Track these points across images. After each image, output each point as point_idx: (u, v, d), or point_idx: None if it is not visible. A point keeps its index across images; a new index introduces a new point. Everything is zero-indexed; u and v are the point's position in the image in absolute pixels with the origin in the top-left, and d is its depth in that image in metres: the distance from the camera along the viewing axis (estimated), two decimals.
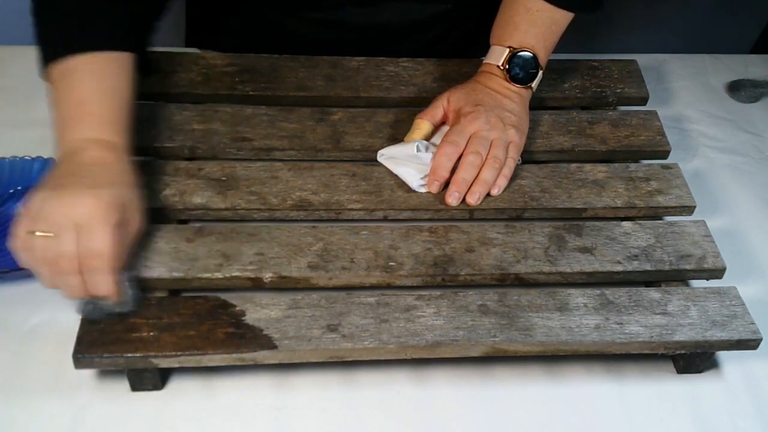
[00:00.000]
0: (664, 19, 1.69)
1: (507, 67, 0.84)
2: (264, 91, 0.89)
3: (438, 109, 0.84)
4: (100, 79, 0.70)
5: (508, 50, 0.84)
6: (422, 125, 0.84)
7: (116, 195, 0.65)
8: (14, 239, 0.64)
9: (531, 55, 0.83)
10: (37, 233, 0.63)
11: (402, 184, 0.81)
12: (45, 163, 0.81)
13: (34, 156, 0.81)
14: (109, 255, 0.64)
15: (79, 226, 0.63)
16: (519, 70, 0.84)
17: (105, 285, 0.65)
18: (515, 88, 0.84)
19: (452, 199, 0.79)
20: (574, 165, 0.86)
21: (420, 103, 0.87)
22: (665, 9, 1.68)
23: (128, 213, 0.67)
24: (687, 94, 1.05)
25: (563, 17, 0.85)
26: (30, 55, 0.98)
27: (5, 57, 0.98)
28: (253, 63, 0.92)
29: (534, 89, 0.86)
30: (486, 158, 0.80)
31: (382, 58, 0.95)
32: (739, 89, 1.06)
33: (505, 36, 0.85)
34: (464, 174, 0.79)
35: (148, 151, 0.82)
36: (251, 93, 0.89)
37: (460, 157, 0.80)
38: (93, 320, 0.67)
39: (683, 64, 1.09)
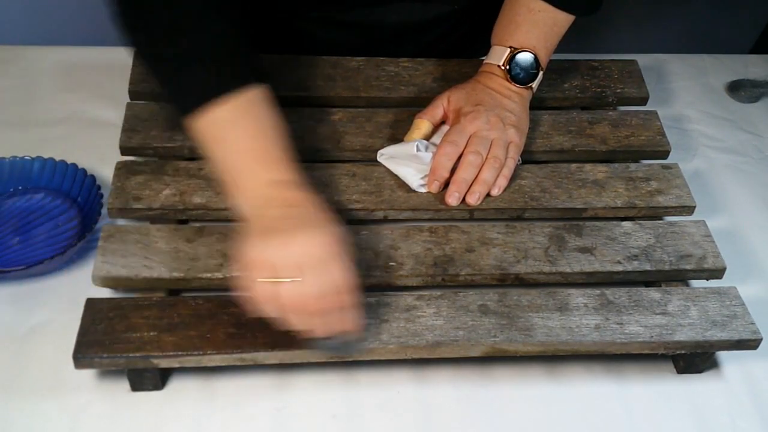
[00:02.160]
0: (664, 19, 1.69)
1: (508, 67, 0.84)
2: None
3: (438, 108, 0.84)
4: (256, 121, 0.68)
5: (509, 50, 0.84)
6: (422, 125, 0.84)
7: (330, 230, 0.64)
8: (254, 291, 0.62)
9: (532, 55, 0.83)
10: (264, 280, 0.61)
11: (402, 184, 0.81)
12: (45, 163, 0.81)
13: (34, 156, 0.81)
14: (346, 290, 0.63)
15: (321, 265, 0.62)
16: (519, 70, 0.84)
17: (353, 319, 0.64)
18: (516, 88, 0.84)
19: (452, 199, 0.79)
20: (574, 165, 0.86)
21: (420, 103, 0.87)
22: (665, 9, 1.68)
23: (343, 246, 0.65)
24: (687, 94, 1.05)
25: (564, 19, 0.85)
26: (30, 55, 0.99)
27: (5, 57, 0.98)
28: None
29: (534, 90, 0.86)
30: (486, 158, 0.80)
31: (382, 58, 0.95)
32: (739, 89, 1.06)
33: (506, 36, 0.85)
34: (464, 174, 0.79)
35: (148, 151, 0.82)
36: None
37: (460, 157, 0.80)
38: (340, 355, 0.67)
39: (683, 64, 1.09)
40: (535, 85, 0.85)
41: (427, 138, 0.83)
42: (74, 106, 0.92)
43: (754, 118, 1.03)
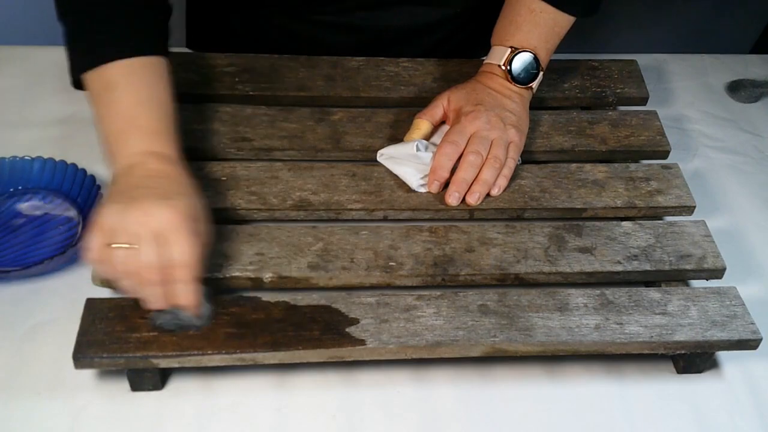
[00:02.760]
0: (664, 19, 1.69)
1: (508, 67, 0.83)
2: (264, 91, 0.89)
3: (438, 108, 0.84)
4: (144, 89, 0.70)
5: (509, 50, 0.84)
6: (422, 125, 0.84)
7: (189, 205, 0.65)
8: (90, 252, 0.63)
9: (532, 55, 0.83)
10: (115, 245, 0.62)
11: (402, 184, 0.81)
12: (45, 163, 0.81)
13: (34, 156, 0.81)
14: (190, 264, 0.64)
15: (159, 236, 0.62)
16: (520, 70, 0.84)
17: (187, 294, 0.64)
18: (516, 88, 0.84)
19: (452, 199, 0.79)
20: (574, 165, 0.86)
21: (420, 103, 0.87)
22: (665, 9, 1.68)
23: (199, 223, 0.66)
24: (687, 94, 1.05)
25: (565, 20, 0.85)
26: (30, 55, 0.99)
27: (5, 57, 0.98)
28: (253, 63, 0.92)
29: (534, 90, 0.86)
30: (486, 158, 0.80)
31: (382, 58, 0.95)
32: (739, 89, 1.06)
33: (506, 36, 0.85)
34: (464, 174, 0.79)
35: None
36: (251, 93, 0.89)
37: (460, 157, 0.80)
38: (168, 331, 0.67)
39: (683, 64, 1.09)
40: (535, 85, 0.85)
41: (427, 138, 0.83)
42: (74, 106, 0.92)
43: (754, 118, 1.03)
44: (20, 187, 0.81)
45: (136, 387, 0.69)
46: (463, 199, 0.79)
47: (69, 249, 0.74)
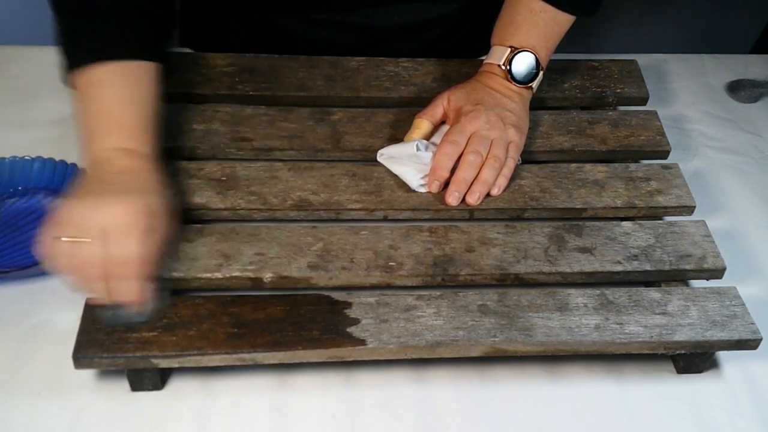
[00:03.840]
0: (664, 19, 1.69)
1: (508, 66, 0.83)
2: (264, 91, 0.89)
3: (438, 108, 0.84)
4: (126, 89, 0.71)
5: (509, 50, 0.83)
6: (422, 124, 0.83)
7: (144, 202, 0.65)
8: (42, 245, 0.64)
9: (532, 55, 0.83)
10: (64, 239, 0.63)
11: (402, 184, 0.81)
12: (45, 163, 0.81)
13: (34, 156, 0.81)
14: (135, 262, 0.64)
15: (106, 232, 0.63)
16: (520, 69, 0.84)
17: (128, 292, 0.65)
18: (516, 87, 0.84)
19: (452, 198, 0.79)
20: (574, 165, 0.86)
21: (420, 103, 0.87)
22: (665, 9, 1.68)
23: (156, 220, 0.66)
24: (687, 94, 1.05)
25: (565, 19, 0.85)
26: (30, 55, 0.99)
27: (5, 57, 0.98)
28: (253, 63, 0.92)
29: (534, 89, 0.86)
30: (486, 158, 0.80)
31: (382, 58, 0.95)
32: (739, 89, 1.06)
33: (506, 36, 0.85)
34: (464, 174, 0.79)
35: None
36: (251, 93, 0.89)
37: (460, 157, 0.80)
38: (110, 326, 0.67)
39: (683, 64, 1.09)
40: (535, 85, 0.85)
41: (427, 138, 0.83)
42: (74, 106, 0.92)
43: (754, 118, 1.03)
44: (20, 187, 0.81)
45: (136, 387, 0.69)
46: (463, 198, 0.79)
47: None
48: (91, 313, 0.67)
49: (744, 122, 1.02)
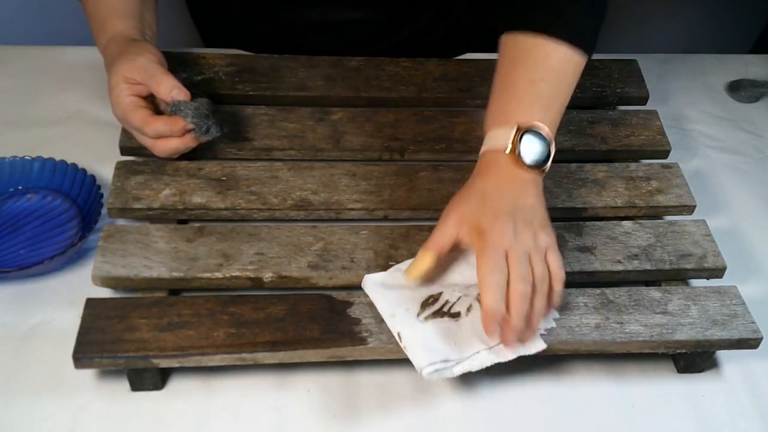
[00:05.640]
0: (664, 19, 1.69)
1: (517, 150, 0.70)
2: (264, 91, 0.89)
3: (448, 237, 0.69)
4: None
5: (515, 130, 0.71)
6: (426, 258, 0.70)
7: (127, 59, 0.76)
8: None
9: (542, 132, 0.71)
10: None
11: (402, 184, 0.81)
12: (45, 163, 0.81)
13: (34, 156, 0.81)
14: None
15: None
16: (531, 151, 0.71)
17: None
18: (529, 175, 0.71)
19: (511, 343, 0.67)
20: (574, 165, 0.86)
21: (420, 103, 0.87)
22: (665, 9, 1.68)
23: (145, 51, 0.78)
24: (687, 94, 1.05)
25: (573, 71, 0.75)
26: (30, 55, 0.99)
27: (5, 57, 0.98)
28: (253, 63, 0.92)
29: (546, 172, 0.73)
30: (534, 284, 0.67)
31: (382, 57, 0.95)
32: (739, 89, 1.06)
33: (507, 115, 0.72)
34: (518, 319, 0.66)
35: (147, 151, 0.82)
36: (251, 93, 0.89)
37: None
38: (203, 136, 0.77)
39: (683, 64, 1.09)
40: (548, 167, 0.72)
41: (429, 271, 0.70)
42: (74, 106, 0.92)
43: (754, 118, 1.03)
44: (20, 187, 0.81)
45: (136, 387, 0.69)
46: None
47: (69, 249, 0.74)
48: (92, 312, 0.67)
49: (744, 122, 1.02)
